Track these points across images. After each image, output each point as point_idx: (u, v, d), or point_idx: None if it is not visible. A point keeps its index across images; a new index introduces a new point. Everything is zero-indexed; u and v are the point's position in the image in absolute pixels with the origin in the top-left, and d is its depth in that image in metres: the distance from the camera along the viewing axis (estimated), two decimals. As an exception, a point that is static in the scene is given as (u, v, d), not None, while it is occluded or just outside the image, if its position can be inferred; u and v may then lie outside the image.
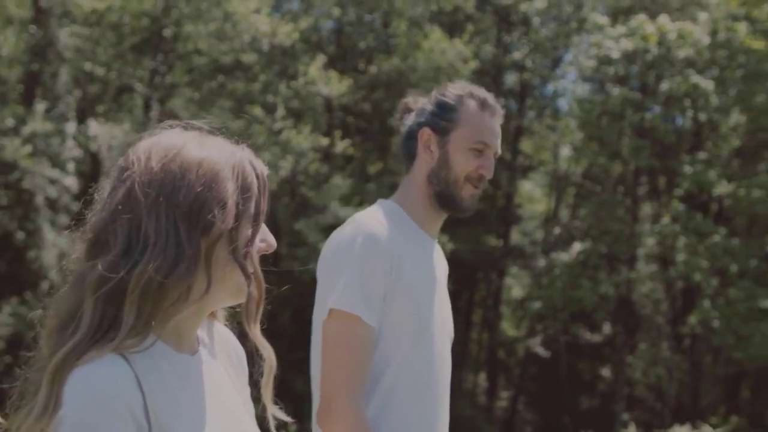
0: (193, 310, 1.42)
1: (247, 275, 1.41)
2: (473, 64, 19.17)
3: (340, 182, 17.63)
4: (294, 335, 18.75)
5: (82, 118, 16.49)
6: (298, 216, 17.25)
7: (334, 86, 17.57)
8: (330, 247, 2.33)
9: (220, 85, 18.01)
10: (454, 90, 2.44)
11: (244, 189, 1.41)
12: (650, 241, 17.98)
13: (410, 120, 2.47)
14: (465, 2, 20.14)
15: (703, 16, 17.46)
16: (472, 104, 2.40)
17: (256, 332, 1.52)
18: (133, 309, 1.34)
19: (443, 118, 2.40)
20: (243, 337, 1.55)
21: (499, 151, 2.44)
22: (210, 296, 1.41)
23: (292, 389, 17.27)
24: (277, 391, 1.63)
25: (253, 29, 17.11)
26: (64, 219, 14.01)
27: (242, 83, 17.89)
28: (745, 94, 16.40)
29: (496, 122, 2.43)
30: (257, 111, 17.09)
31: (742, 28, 16.19)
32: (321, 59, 17.83)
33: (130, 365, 1.34)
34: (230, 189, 1.39)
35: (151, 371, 1.37)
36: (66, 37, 15.58)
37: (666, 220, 17.35)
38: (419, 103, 2.49)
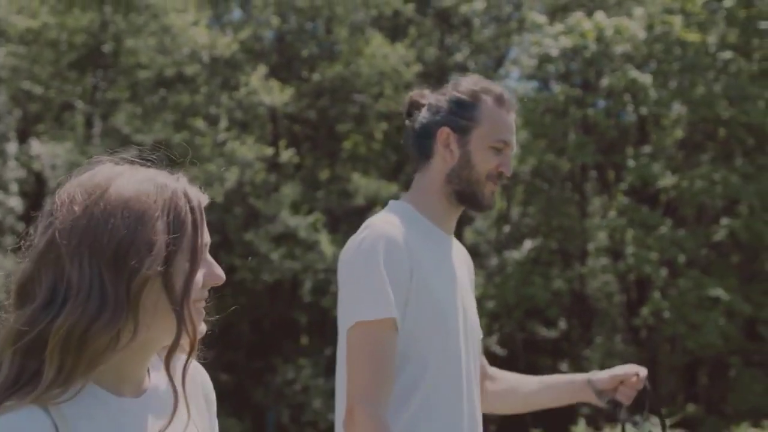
0: (130, 353, 1.37)
1: (179, 320, 1.35)
2: (416, 68, 19.20)
3: (289, 191, 17.60)
4: (251, 344, 18.88)
5: (23, 138, 16.30)
6: (248, 227, 17.21)
7: (276, 95, 17.55)
8: (348, 254, 2.29)
9: (162, 99, 17.89)
10: (470, 86, 2.40)
11: (175, 227, 1.36)
12: (600, 236, 18.15)
13: (423, 117, 2.42)
14: (404, 6, 20.16)
15: (639, 11, 17.68)
16: (489, 101, 2.38)
17: (178, 371, 1.43)
18: (54, 362, 1.30)
19: (462, 116, 2.37)
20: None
21: (515, 147, 2.43)
22: (145, 339, 1.36)
23: (251, 400, 17.31)
24: (236, 401, 1.52)
25: (192, 42, 17.03)
26: (10, 240, 13.71)
27: (185, 96, 17.78)
28: (683, 86, 16.68)
29: (513, 118, 2.42)
30: (200, 123, 17.04)
31: (678, 21, 16.44)
32: (262, 69, 17.82)
33: (49, 415, 1.29)
34: (159, 228, 1.34)
35: (79, 419, 1.32)
36: (1, 56, 15.40)
37: (613, 214, 17.53)
38: (427, 98, 2.44)
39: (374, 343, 2.18)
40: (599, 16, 17.33)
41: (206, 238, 1.41)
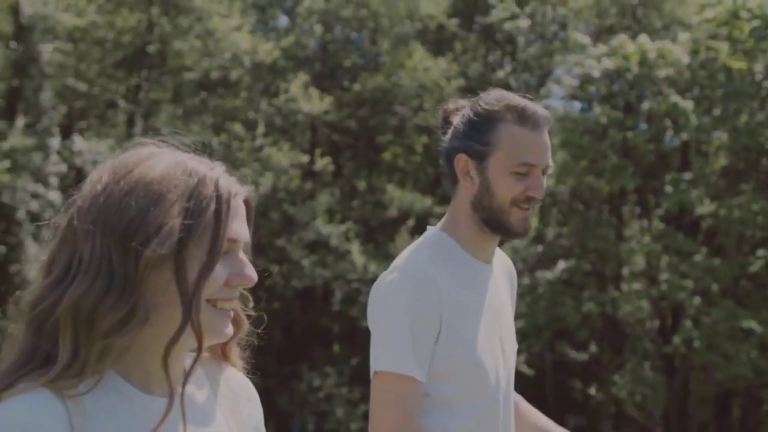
0: (149, 344, 1.34)
1: (185, 311, 1.30)
2: (457, 83, 19.28)
3: (325, 199, 17.65)
4: (282, 350, 18.84)
5: (67, 134, 16.55)
6: (281, 233, 17.29)
7: (315, 104, 17.66)
8: (376, 295, 2.17)
9: (203, 101, 18.07)
10: (488, 105, 2.20)
11: (194, 213, 1.31)
12: (636, 260, 17.96)
13: (445, 140, 2.27)
14: (449, 20, 20.23)
15: (684, 36, 17.56)
16: (509, 120, 2.17)
17: (233, 363, 1.46)
18: (67, 343, 1.28)
19: (478, 141, 2.18)
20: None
21: (550, 164, 2.22)
22: (158, 329, 1.32)
23: (277, 405, 17.38)
24: (263, 406, 1.56)
25: (234, 46, 17.23)
26: (48, 233, 13.81)
27: (226, 99, 18.01)
28: (727, 113, 16.49)
29: (541, 134, 2.18)
30: (238, 128, 17.24)
31: (724, 47, 16.29)
32: (303, 77, 18.00)
33: (63, 402, 1.27)
34: (174, 212, 1.30)
35: (98, 412, 1.29)
36: (49, 53, 15.61)
37: (648, 239, 17.31)
38: (460, 110, 2.28)
39: (395, 396, 2.10)
40: (643, 38, 17.20)
41: (236, 232, 1.36)
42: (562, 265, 19.23)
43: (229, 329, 1.39)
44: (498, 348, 2.23)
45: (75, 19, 16.57)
